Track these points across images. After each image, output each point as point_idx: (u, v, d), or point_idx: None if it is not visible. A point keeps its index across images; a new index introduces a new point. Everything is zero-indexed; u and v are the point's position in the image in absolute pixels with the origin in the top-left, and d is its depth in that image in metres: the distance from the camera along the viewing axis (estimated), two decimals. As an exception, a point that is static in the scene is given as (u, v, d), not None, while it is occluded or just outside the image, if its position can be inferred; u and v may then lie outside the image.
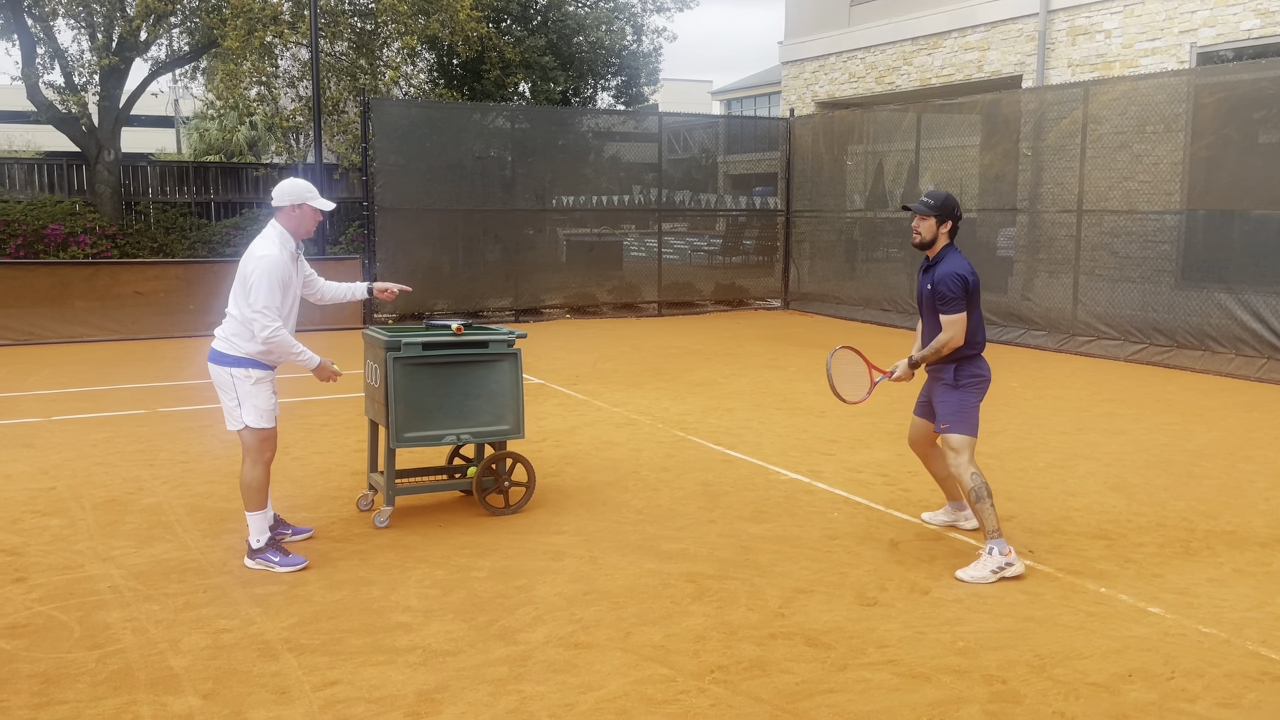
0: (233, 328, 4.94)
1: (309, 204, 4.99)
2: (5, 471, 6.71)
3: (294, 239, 5.03)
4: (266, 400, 4.97)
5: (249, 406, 4.94)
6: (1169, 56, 14.28)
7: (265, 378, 4.97)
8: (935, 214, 5.18)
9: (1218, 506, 6.10)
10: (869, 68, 19.58)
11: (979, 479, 5.01)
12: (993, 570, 4.88)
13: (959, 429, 5.09)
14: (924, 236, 5.22)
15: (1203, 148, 11.41)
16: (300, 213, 4.99)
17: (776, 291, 17.88)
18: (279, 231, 4.98)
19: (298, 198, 4.97)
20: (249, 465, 4.99)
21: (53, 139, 19.22)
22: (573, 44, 21.24)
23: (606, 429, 8.11)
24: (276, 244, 4.93)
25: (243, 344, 4.91)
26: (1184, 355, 11.31)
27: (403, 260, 14.82)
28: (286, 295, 4.97)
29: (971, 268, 5.19)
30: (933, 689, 3.76)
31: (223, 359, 4.95)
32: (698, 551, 5.26)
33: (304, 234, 5.06)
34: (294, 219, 5.00)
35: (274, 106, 17.94)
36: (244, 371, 4.92)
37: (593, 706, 3.62)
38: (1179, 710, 3.61)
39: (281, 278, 4.89)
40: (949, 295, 5.05)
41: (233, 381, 4.93)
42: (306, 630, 4.25)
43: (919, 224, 5.24)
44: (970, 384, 5.16)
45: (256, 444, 4.98)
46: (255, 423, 4.95)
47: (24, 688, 3.71)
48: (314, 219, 5.05)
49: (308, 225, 5.04)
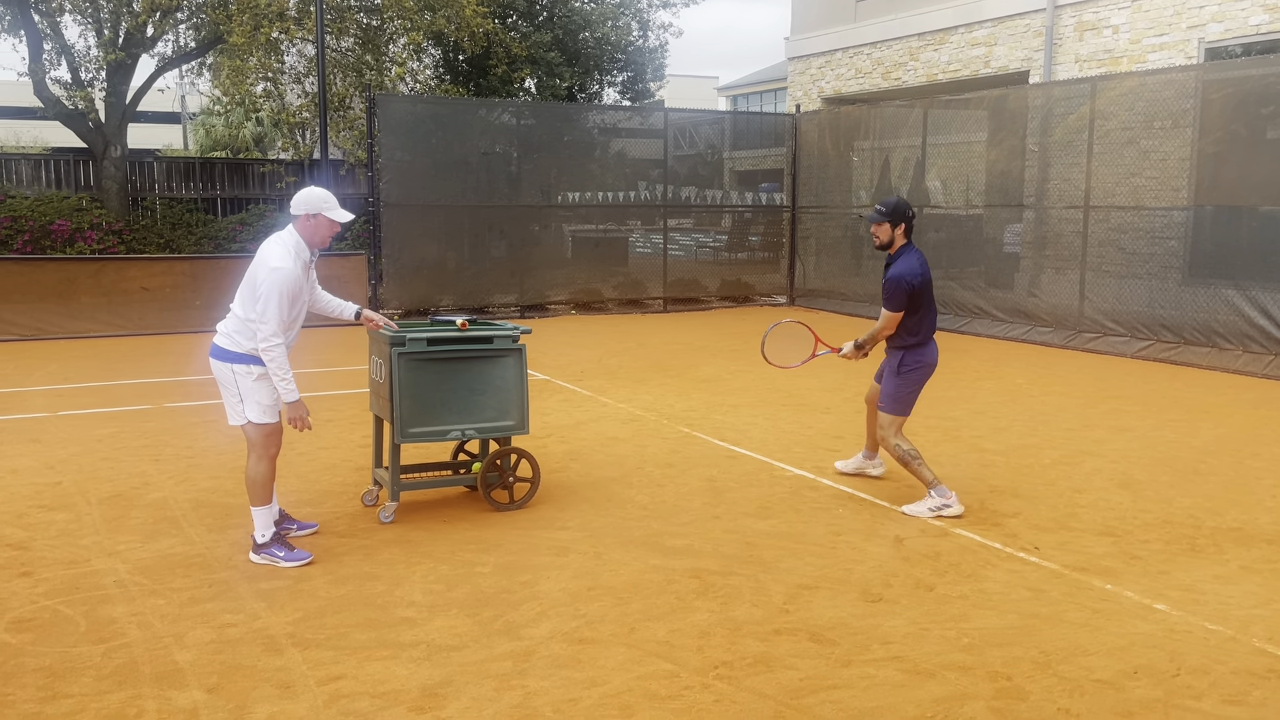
0: (235, 325, 4.93)
1: (324, 214, 4.94)
2: (11, 466, 6.73)
3: (309, 248, 5.00)
4: (269, 395, 4.96)
5: (251, 402, 4.94)
6: (1177, 52, 14.22)
7: (266, 374, 4.95)
8: (889, 219, 5.82)
9: (1224, 503, 6.08)
10: (875, 63, 19.53)
11: (904, 445, 5.82)
12: (930, 509, 5.67)
13: (891, 409, 5.88)
14: (881, 240, 5.89)
15: (1210, 143, 11.37)
16: (315, 222, 4.95)
17: (782, 288, 17.85)
18: (295, 240, 4.96)
19: (313, 207, 4.93)
20: (254, 460, 4.99)
21: (59, 135, 19.28)
22: (578, 39, 21.22)
23: (611, 425, 8.11)
24: (291, 254, 4.90)
25: (244, 341, 4.90)
26: (1191, 352, 11.27)
27: (408, 256, 14.83)
28: (294, 305, 4.95)
29: (922, 268, 5.86)
30: (937, 685, 3.75)
31: (224, 355, 4.95)
32: (702, 547, 5.26)
33: (319, 243, 5.02)
34: (309, 228, 4.97)
35: (280, 102, 17.95)
36: (245, 368, 4.92)
37: (596, 702, 3.62)
38: (1184, 707, 3.60)
39: (292, 291, 4.87)
40: (890, 295, 5.76)
41: (234, 377, 4.93)
42: (311, 625, 4.25)
43: (876, 230, 5.86)
44: (910, 372, 5.85)
45: (261, 439, 4.98)
46: (258, 418, 4.95)
47: (30, 681, 3.73)
48: (329, 229, 4.99)
49: (323, 235, 5.00)
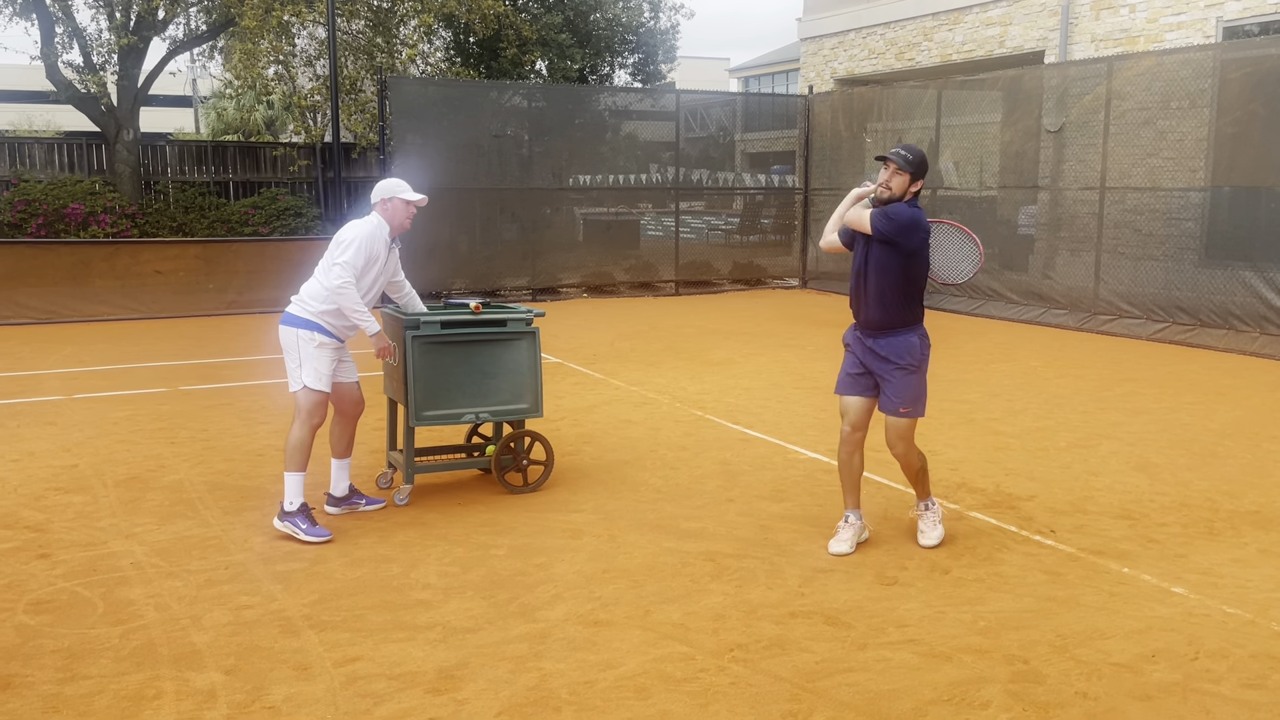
0: (311, 289, 5.21)
1: (399, 197, 5.27)
2: (28, 449, 6.76)
3: (390, 230, 5.31)
4: (327, 364, 5.18)
5: (309, 368, 5.14)
6: (1194, 31, 14.07)
7: (328, 344, 5.18)
8: (911, 170, 4.72)
9: (1242, 486, 6.04)
10: (889, 44, 19.39)
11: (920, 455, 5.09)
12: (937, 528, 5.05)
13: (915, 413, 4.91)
14: (895, 192, 4.73)
15: (1228, 124, 11.25)
16: (391, 206, 5.27)
17: (794, 270, 17.79)
18: (378, 219, 5.30)
19: (388, 193, 5.28)
20: (297, 426, 5.13)
21: (72, 119, 19.30)
22: (589, 21, 21.11)
23: (624, 408, 8.10)
24: (374, 223, 5.26)
25: (314, 304, 5.15)
26: (1208, 334, 11.19)
27: (420, 239, 14.75)
28: (370, 270, 5.22)
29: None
30: (953, 668, 3.74)
31: (293, 320, 5.19)
32: (716, 530, 5.25)
33: (398, 227, 5.33)
34: (388, 212, 5.29)
35: (291, 85, 17.93)
36: (309, 334, 5.14)
37: (612, 684, 3.62)
38: (1203, 691, 3.58)
39: (370, 249, 5.18)
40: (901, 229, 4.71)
41: (298, 342, 5.16)
42: (327, 607, 4.27)
43: (892, 178, 4.72)
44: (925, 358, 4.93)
45: (309, 406, 5.14)
46: (313, 383, 5.14)
47: (48, 663, 3.75)
48: (405, 212, 5.31)
49: (400, 218, 5.31)
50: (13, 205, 15.55)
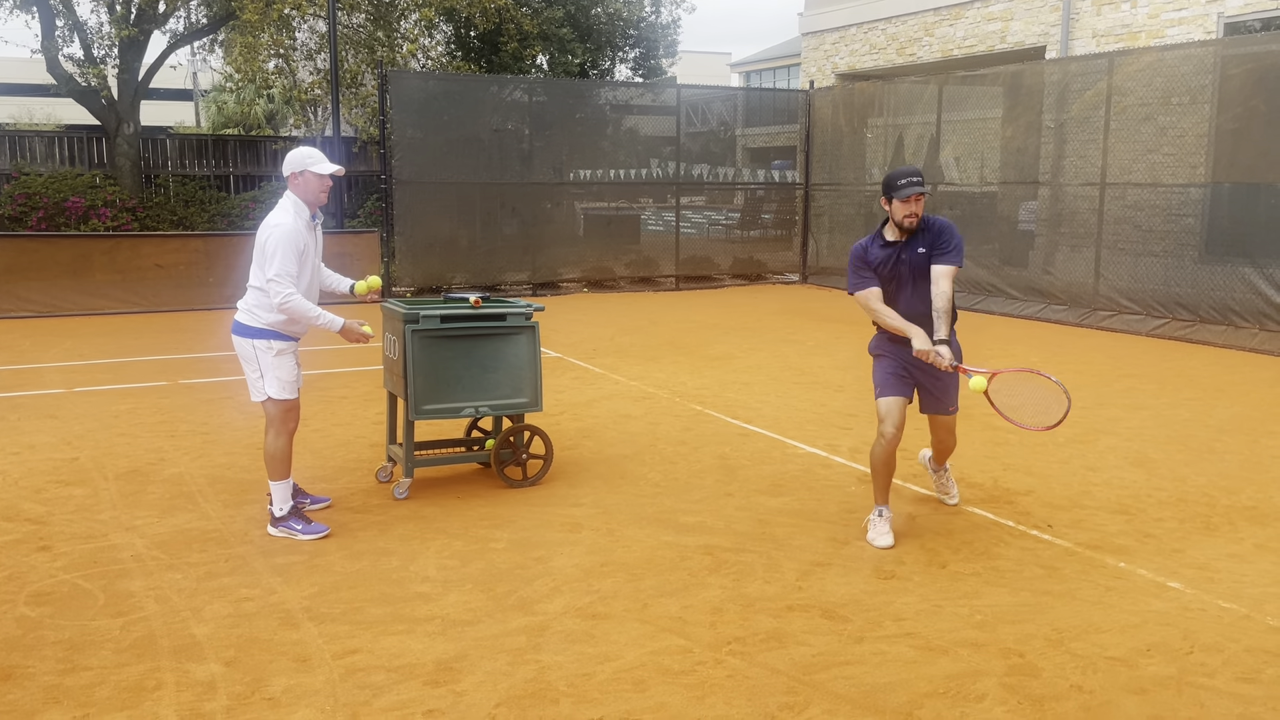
0: (254, 298, 4.98)
1: (310, 170, 4.96)
2: (29, 442, 6.78)
3: (308, 208, 5.02)
4: (289, 372, 5.03)
5: (271, 378, 4.99)
6: (1196, 27, 14.06)
7: (287, 349, 5.02)
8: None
9: (1239, 482, 6.06)
10: (890, 39, 19.37)
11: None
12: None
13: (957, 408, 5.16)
14: (920, 214, 4.84)
15: (1229, 120, 11.25)
16: (304, 179, 4.97)
17: (795, 266, 17.79)
18: (293, 201, 5.00)
19: (299, 165, 4.97)
20: (272, 436, 5.04)
21: (73, 112, 19.23)
22: (590, 15, 21.10)
23: (624, 402, 8.12)
24: (290, 213, 4.95)
25: (264, 315, 4.95)
26: (1207, 330, 11.20)
27: (420, 233, 14.82)
28: (304, 264, 4.98)
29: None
30: (950, 662, 3.76)
31: (245, 330, 5.00)
32: (715, 524, 5.27)
33: (314, 201, 5.02)
34: (300, 187, 4.99)
35: (292, 79, 17.91)
36: (265, 343, 4.97)
37: (610, 677, 3.64)
38: (1197, 685, 3.60)
39: (296, 245, 4.89)
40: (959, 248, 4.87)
41: (255, 353, 4.99)
42: (327, 600, 4.28)
43: (918, 204, 4.80)
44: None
45: (280, 415, 5.03)
46: (278, 394, 5.00)
47: (49, 654, 3.77)
48: (319, 185, 5.00)
49: (314, 192, 5.00)
50: (13, 199, 15.56)
